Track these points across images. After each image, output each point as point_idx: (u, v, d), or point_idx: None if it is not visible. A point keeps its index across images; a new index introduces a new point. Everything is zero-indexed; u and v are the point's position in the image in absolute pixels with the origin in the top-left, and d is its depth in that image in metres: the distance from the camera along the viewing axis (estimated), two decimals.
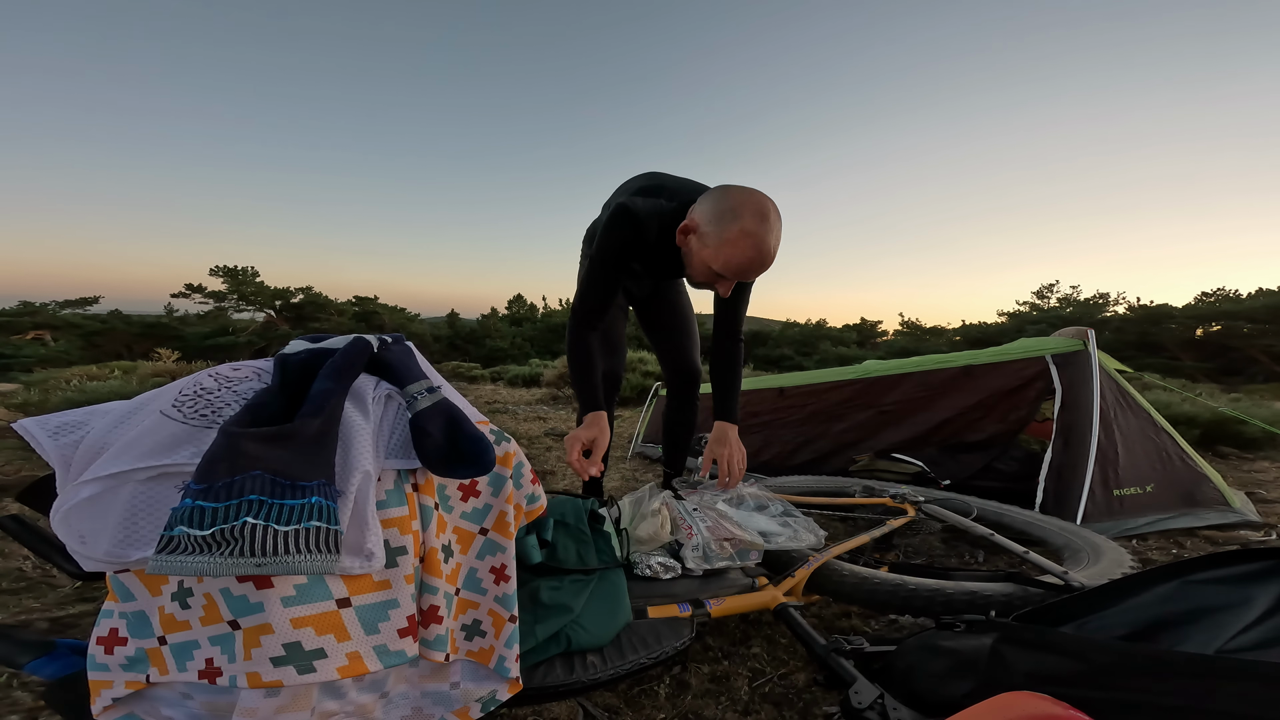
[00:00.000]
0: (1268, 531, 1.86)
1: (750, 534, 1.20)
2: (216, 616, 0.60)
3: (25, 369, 9.90)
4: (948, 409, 2.51)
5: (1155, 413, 2.07)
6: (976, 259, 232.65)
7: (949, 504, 1.74)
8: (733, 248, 1.16)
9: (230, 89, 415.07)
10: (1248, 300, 16.69)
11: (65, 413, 0.67)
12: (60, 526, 0.59)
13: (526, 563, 0.95)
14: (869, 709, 0.74)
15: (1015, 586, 1.08)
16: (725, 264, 1.19)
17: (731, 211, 1.16)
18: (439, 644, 0.71)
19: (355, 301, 23.77)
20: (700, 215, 1.21)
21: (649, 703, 0.99)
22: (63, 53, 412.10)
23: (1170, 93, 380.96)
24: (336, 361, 0.73)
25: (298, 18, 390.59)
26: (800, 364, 17.79)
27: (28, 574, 1.41)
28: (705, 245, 1.21)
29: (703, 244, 1.21)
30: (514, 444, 0.85)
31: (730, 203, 1.17)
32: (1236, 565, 0.85)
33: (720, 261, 1.19)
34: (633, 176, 1.52)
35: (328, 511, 0.60)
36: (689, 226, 1.24)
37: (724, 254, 1.18)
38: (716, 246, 1.18)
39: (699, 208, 1.23)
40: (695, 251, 1.24)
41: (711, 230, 1.18)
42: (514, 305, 27.97)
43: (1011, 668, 0.72)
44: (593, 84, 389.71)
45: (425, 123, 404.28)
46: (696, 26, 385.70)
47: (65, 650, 0.69)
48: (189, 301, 21.51)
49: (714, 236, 1.18)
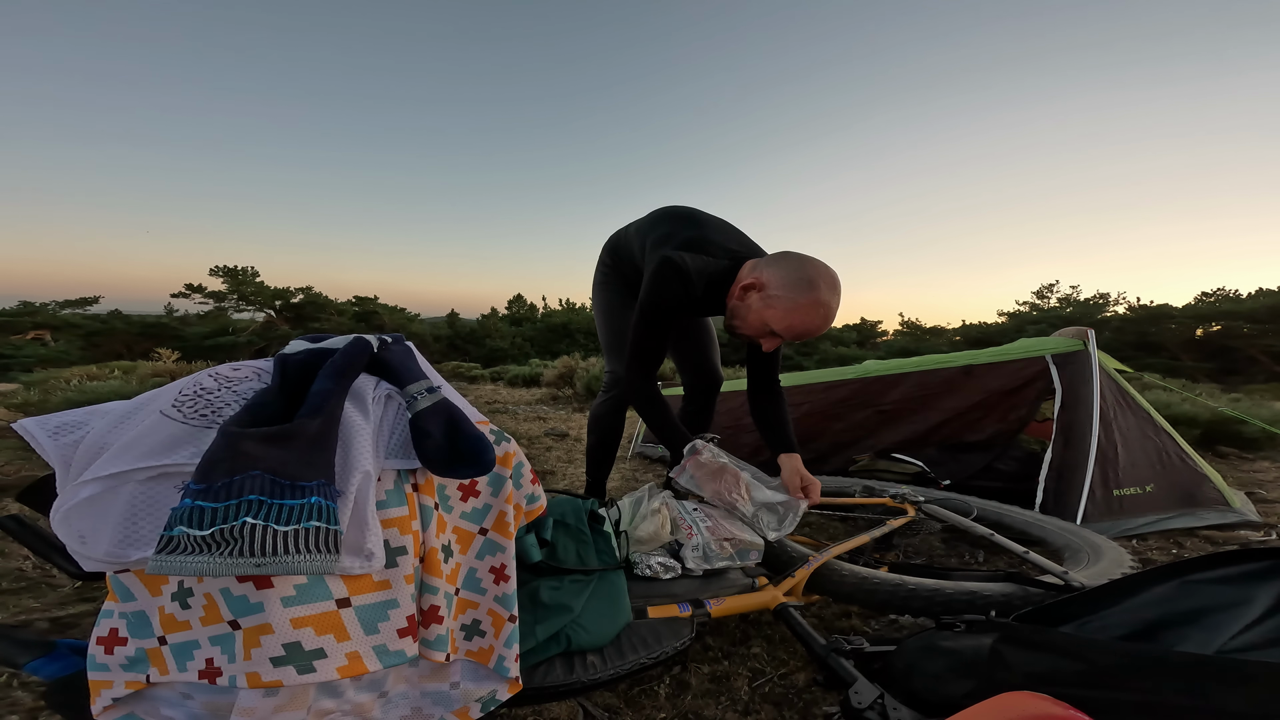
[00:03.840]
0: (1268, 531, 1.86)
1: (750, 534, 1.20)
2: (216, 616, 0.60)
3: (25, 369, 9.89)
4: (948, 409, 2.51)
5: (1155, 413, 2.07)
6: (976, 259, 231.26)
7: (949, 504, 1.74)
8: (804, 313, 1.24)
9: (230, 88, 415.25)
10: (1248, 300, 16.70)
11: (65, 413, 0.67)
12: (60, 526, 0.59)
13: (526, 562, 0.96)
14: (869, 709, 0.74)
15: (1015, 586, 1.08)
16: (789, 326, 1.26)
17: (808, 281, 1.23)
18: (439, 644, 0.71)
19: (355, 301, 23.77)
20: (770, 278, 1.27)
21: (649, 703, 0.99)
22: (63, 52, 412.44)
23: (1171, 91, 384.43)
24: (336, 362, 0.73)
25: (298, 16, 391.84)
26: (800, 364, 17.78)
27: (28, 574, 1.41)
28: (771, 306, 1.26)
29: (768, 304, 1.27)
30: (514, 444, 0.85)
31: (807, 272, 1.25)
32: (1236, 565, 0.85)
33: (785, 323, 1.26)
34: (668, 211, 1.55)
35: (327, 511, 0.60)
36: (754, 285, 1.30)
37: (792, 317, 1.25)
38: (787, 310, 1.25)
39: (769, 271, 1.28)
40: (756, 310, 1.30)
41: (784, 294, 1.25)
42: (514, 305, 27.97)
43: (1011, 668, 0.72)
44: (593, 83, 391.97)
45: (426, 122, 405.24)
46: (696, 24, 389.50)
47: (65, 650, 0.69)
48: (189, 301, 21.52)
49: (786, 300, 1.24)
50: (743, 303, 1.33)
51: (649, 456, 3.03)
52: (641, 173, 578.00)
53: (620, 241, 1.69)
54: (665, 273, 1.33)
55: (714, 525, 1.20)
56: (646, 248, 1.48)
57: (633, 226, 1.64)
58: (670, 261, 1.32)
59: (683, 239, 1.40)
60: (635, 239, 1.58)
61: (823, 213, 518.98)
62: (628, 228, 1.67)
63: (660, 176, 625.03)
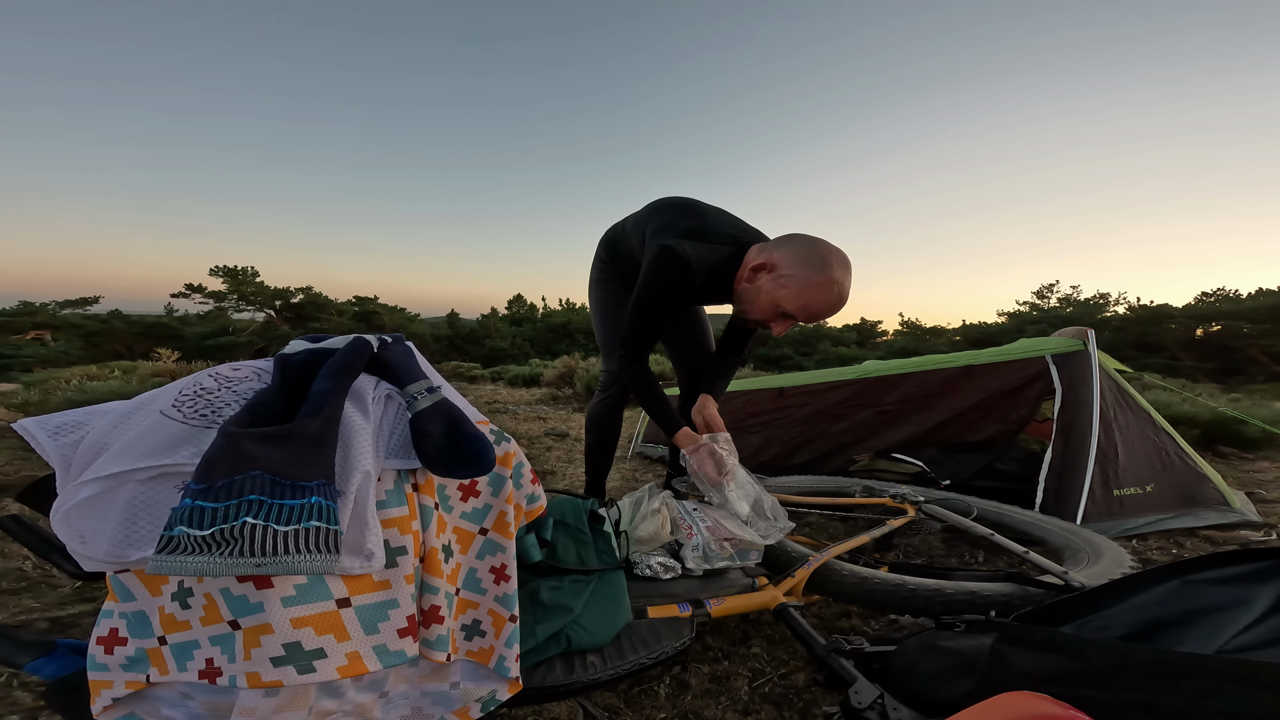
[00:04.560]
0: (1268, 531, 1.86)
1: (750, 534, 1.20)
2: (216, 616, 0.60)
3: (25, 369, 9.89)
4: (948, 409, 2.51)
5: (1155, 413, 2.07)
6: (976, 258, 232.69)
7: (949, 504, 1.74)
8: (818, 291, 1.24)
9: (230, 88, 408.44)
10: (1248, 300, 16.69)
11: (65, 413, 0.67)
12: (60, 526, 0.59)
13: (526, 562, 0.96)
14: (869, 709, 0.74)
15: (1015, 586, 1.08)
16: (803, 306, 1.26)
17: (821, 259, 1.24)
18: (440, 644, 0.71)
19: (355, 301, 23.78)
20: (782, 258, 1.27)
21: (649, 703, 0.99)
22: (62, 52, 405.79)
23: (1171, 91, 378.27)
24: (336, 362, 0.73)
25: (298, 15, 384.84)
26: (800, 364, 17.79)
27: (28, 574, 1.41)
28: (784, 286, 1.26)
29: (780, 284, 1.27)
30: (514, 444, 0.85)
31: (820, 251, 1.25)
32: (1236, 565, 0.85)
33: (799, 303, 1.26)
34: (665, 202, 1.53)
35: (328, 511, 0.60)
36: (765, 265, 1.29)
37: (806, 296, 1.24)
38: (800, 289, 1.24)
39: (780, 252, 1.28)
40: (767, 291, 1.29)
41: (797, 273, 1.24)
42: (514, 305, 27.98)
43: (1011, 668, 0.72)
44: (593, 82, 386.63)
45: (426, 122, 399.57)
46: (696, 23, 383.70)
47: (65, 650, 0.69)
48: (189, 301, 21.52)
49: (799, 279, 1.24)
50: (753, 285, 1.32)
51: (649, 456, 3.03)
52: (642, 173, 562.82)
53: (617, 236, 1.65)
54: (664, 260, 1.32)
55: (714, 525, 1.20)
56: (646, 239, 1.46)
57: (629, 220, 1.61)
58: (669, 250, 1.31)
59: (683, 228, 1.39)
60: (633, 232, 1.55)
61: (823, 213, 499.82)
62: (624, 221, 1.64)
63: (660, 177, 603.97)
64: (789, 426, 2.68)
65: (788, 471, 2.49)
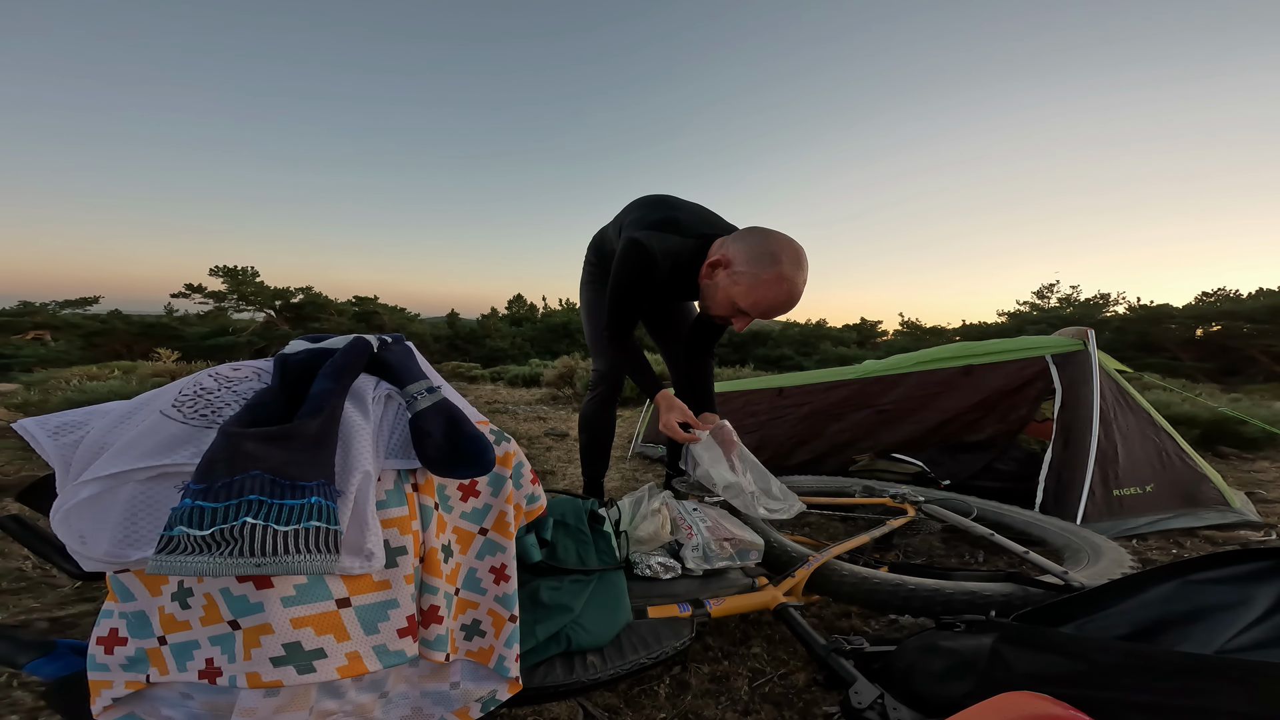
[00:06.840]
0: (1268, 531, 1.86)
1: (750, 533, 1.20)
2: (216, 616, 0.60)
3: (25, 369, 9.89)
4: (947, 409, 2.51)
5: (1155, 413, 2.07)
6: (976, 259, 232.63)
7: (949, 504, 1.74)
8: (767, 289, 1.21)
9: (230, 88, 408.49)
10: (1248, 300, 16.68)
11: (65, 413, 0.67)
12: (60, 526, 0.59)
13: (526, 562, 0.96)
14: (869, 709, 0.74)
15: (1015, 586, 1.08)
16: (755, 303, 1.24)
17: (771, 255, 1.21)
18: (439, 644, 0.71)
19: (355, 301, 23.76)
20: (735, 254, 1.25)
21: (649, 703, 0.99)
22: (62, 52, 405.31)
23: (1171, 91, 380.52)
24: (336, 361, 0.73)
25: (297, 15, 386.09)
26: (800, 364, 17.78)
27: (28, 574, 1.41)
28: (736, 283, 1.24)
29: (734, 281, 1.25)
30: (514, 444, 0.85)
31: (770, 246, 1.22)
32: (1236, 565, 0.85)
33: (750, 300, 1.24)
34: (643, 198, 1.54)
35: (327, 511, 0.60)
36: (720, 261, 1.28)
37: (757, 293, 1.22)
38: (750, 285, 1.22)
39: (734, 247, 1.26)
40: (723, 287, 1.28)
41: (747, 270, 1.22)
42: (514, 305, 27.97)
43: (1011, 668, 0.72)
44: (593, 83, 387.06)
45: (426, 122, 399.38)
46: (698, 24, 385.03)
47: (65, 650, 0.69)
48: (189, 301, 21.50)
49: (749, 276, 1.22)
50: (711, 281, 1.32)
51: (649, 456, 3.03)
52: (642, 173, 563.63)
53: (603, 239, 1.69)
54: (630, 252, 1.32)
55: (714, 525, 1.20)
56: (620, 234, 1.48)
57: (612, 221, 1.64)
58: (635, 241, 1.31)
59: (654, 220, 1.40)
60: (613, 232, 1.58)
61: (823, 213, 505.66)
62: (609, 224, 1.67)
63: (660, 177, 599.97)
64: (788, 426, 2.67)
65: (787, 471, 2.49)
